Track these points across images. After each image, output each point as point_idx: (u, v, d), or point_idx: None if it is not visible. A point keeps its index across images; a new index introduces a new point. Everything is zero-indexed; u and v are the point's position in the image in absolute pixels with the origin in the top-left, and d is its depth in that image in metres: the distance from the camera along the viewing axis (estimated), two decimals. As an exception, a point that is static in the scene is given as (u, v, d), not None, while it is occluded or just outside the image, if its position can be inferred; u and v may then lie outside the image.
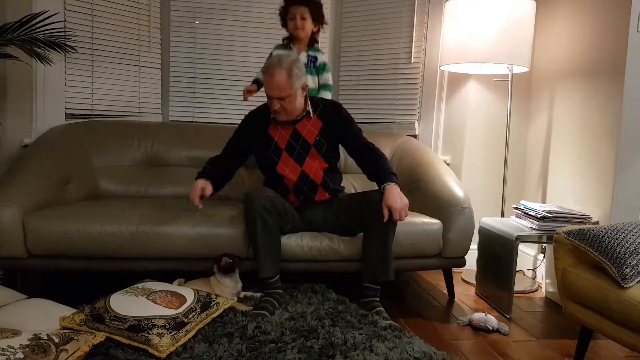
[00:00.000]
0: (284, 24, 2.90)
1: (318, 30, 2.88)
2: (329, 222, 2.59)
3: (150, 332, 1.85)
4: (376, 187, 2.51)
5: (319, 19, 2.84)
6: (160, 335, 1.85)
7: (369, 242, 2.46)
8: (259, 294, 2.47)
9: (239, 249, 2.50)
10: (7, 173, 2.60)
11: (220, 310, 2.21)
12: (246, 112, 3.59)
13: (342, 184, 2.72)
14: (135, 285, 2.18)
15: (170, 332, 1.89)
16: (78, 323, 1.91)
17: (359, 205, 2.48)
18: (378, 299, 2.45)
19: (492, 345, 2.28)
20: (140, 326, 1.87)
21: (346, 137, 2.61)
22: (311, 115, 2.57)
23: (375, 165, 2.53)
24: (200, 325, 2.06)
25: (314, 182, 2.57)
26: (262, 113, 2.62)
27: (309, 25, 2.82)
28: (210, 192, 2.48)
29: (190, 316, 2.02)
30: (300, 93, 2.49)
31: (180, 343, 1.90)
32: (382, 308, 2.39)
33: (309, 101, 2.59)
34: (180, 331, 1.93)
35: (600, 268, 1.96)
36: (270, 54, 2.94)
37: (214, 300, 2.20)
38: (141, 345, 1.84)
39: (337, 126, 2.59)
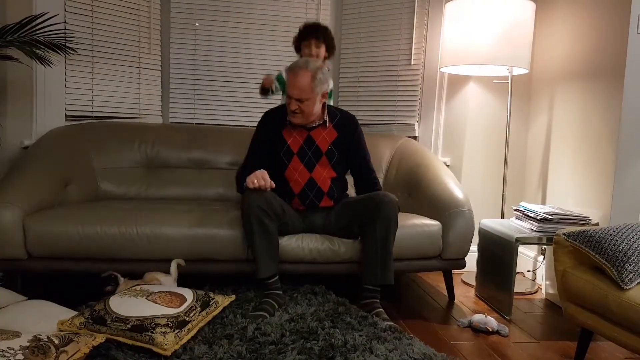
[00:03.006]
0: (298, 50, 2.95)
1: (327, 57, 2.91)
2: (330, 225, 2.59)
3: (154, 331, 1.85)
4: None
5: (331, 50, 2.90)
6: (164, 333, 1.85)
7: (369, 244, 2.45)
8: None
9: (239, 251, 2.50)
10: (7, 174, 2.60)
11: (220, 309, 2.21)
12: (247, 115, 3.63)
13: (346, 192, 2.73)
14: (133, 287, 2.18)
15: (174, 331, 1.89)
16: (78, 326, 1.91)
17: (361, 208, 2.48)
18: (378, 301, 2.45)
19: (492, 347, 2.29)
20: (143, 326, 1.87)
21: (355, 156, 2.66)
22: (327, 124, 2.59)
23: (370, 191, 2.63)
24: (201, 324, 2.06)
25: (320, 189, 2.58)
26: (279, 113, 2.63)
27: (323, 53, 2.87)
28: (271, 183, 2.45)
29: (192, 314, 2.02)
30: (319, 99, 2.50)
31: (183, 341, 1.90)
32: (382, 309, 2.39)
33: (326, 110, 2.61)
34: (183, 329, 1.93)
35: (600, 270, 1.96)
36: (280, 74, 2.95)
37: (212, 299, 2.21)
38: (145, 345, 1.84)
39: (350, 141, 2.63)
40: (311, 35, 2.85)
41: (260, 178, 2.40)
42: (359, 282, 2.50)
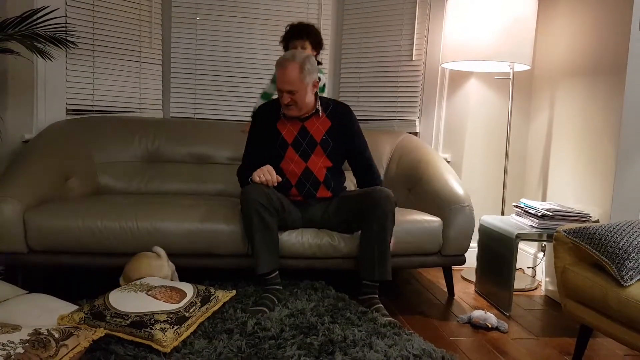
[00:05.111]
0: (286, 50, 2.95)
1: (317, 54, 2.92)
2: (329, 219, 2.59)
3: (153, 328, 1.85)
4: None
5: (317, 46, 2.91)
6: (164, 330, 1.86)
7: (367, 240, 2.46)
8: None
9: (239, 245, 2.50)
10: (8, 169, 2.60)
11: (220, 304, 2.21)
12: (248, 109, 3.62)
13: (344, 184, 2.73)
14: (133, 282, 2.18)
15: (173, 327, 1.89)
16: (77, 322, 1.91)
17: (360, 202, 2.49)
18: (377, 296, 2.45)
19: (492, 343, 2.29)
20: (142, 322, 1.87)
21: (351, 145, 2.66)
22: (320, 113, 2.60)
23: (370, 181, 2.65)
24: (201, 319, 2.06)
25: (316, 178, 2.58)
26: (272, 107, 2.65)
27: (309, 52, 2.86)
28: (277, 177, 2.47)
29: (192, 310, 2.02)
30: (311, 89, 2.53)
31: (182, 337, 1.91)
32: (381, 305, 2.40)
33: (319, 100, 2.61)
34: (183, 325, 1.93)
35: (600, 266, 1.96)
36: (274, 76, 2.97)
37: (213, 294, 2.21)
38: (144, 341, 1.84)
39: (344, 130, 2.63)
40: (295, 38, 2.88)
41: (267, 172, 2.42)
42: (359, 277, 2.50)
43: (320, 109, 2.61)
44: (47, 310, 1.96)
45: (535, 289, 3.12)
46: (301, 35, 2.87)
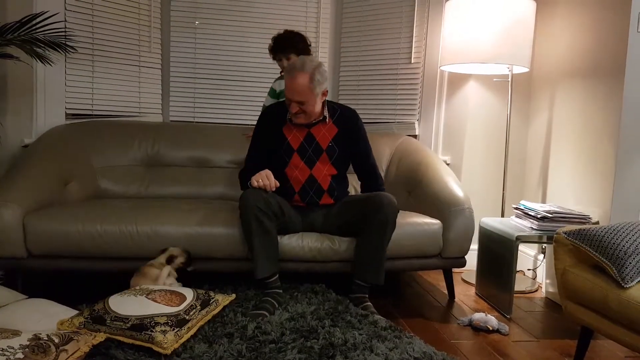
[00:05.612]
0: (275, 59, 3.01)
1: None
2: (330, 223, 2.59)
3: (154, 330, 1.85)
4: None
5: (304, 52, 2.92)
6: (164, 332, 1.85)
7: (364, 245, 2.46)
8: None
9: (238, 249, 2.50)
10: (8, 173, 2.60)
11: (220, 308, 2.21)
12: (247, 113, 3.63)
13: (347, 190, 2.73)
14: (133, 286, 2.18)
15: (174, 329, 1.89)
16: (77, 326, 1.91)
17: (363, 207, 2.48)
18: (367, 296, 2.48)
19: (492, 346, 2.29)
20: (143, 325, 1.87)
21: (356, 150, 2.65)
22: (327, 120, 2.59)
23: (373, 186, 2.65)
24: (201, 322, 2.06)
25: (320, 186, 2.58)
26: (279, 111, 2.63)
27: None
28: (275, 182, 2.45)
29: (192, 313, 2.02)
30: (320, 98, 2.51)
31: (183, 340, 1.90)
32: (370, 303, 2.42)
33: (326, 106, 2.60)
34: (183, 328, 1.93)
35: (600, 268, 1.96)
36: (271, 88, 3.01)
37: (212, 298, 2.21)
38: (145, 344, 1.84)
39: (350, 134, 2.62)
40: (279, 52, 2.92)
41: (265, 177, 2.41)
42: (351, 275, 2.51)
43: (327, 115, 2.59)
44: (47, 315, 1.96)
45: (536, 291, 3.12)
46: (284, 49, 2.90)
